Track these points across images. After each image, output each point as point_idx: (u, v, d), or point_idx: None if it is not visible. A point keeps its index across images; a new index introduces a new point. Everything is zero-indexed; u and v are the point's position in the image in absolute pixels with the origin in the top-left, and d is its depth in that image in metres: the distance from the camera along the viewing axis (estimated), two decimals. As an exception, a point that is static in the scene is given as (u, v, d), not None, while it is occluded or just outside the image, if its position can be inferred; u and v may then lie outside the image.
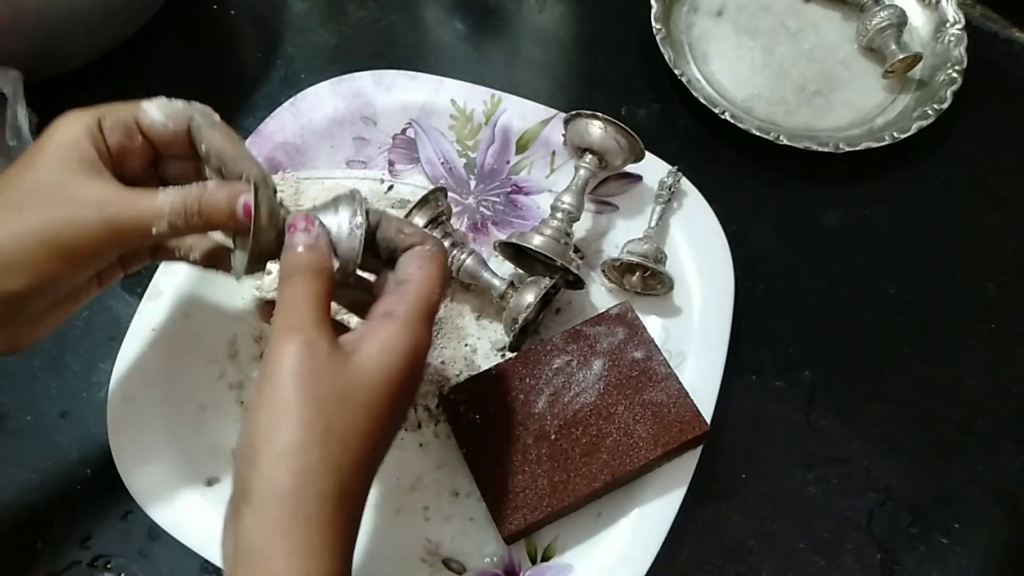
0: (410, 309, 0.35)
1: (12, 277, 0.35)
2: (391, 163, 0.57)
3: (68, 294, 0.40)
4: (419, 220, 0.49)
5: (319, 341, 0.33)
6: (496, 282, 0.49)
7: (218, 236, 0.43)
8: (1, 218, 0.35)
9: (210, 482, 0.47)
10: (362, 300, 0.40)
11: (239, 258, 0.39)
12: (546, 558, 0.46)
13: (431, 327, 0.36)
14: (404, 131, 0.58)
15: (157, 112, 0.38)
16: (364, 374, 0.33)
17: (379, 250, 0.39)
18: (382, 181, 0.56)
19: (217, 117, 0.40)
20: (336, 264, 0.37)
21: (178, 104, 0.39)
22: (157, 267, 0.51)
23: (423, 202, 0.49)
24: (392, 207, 0.54)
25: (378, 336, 0.35)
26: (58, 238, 0.35)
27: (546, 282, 0.48)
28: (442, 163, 0.57)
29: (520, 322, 0.47)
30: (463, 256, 0.50)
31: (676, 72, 0.59)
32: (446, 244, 0.50)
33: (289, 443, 0.31)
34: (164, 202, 0.36)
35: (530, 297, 0.47)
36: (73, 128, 0.37)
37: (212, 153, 0.38)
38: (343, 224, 0.37)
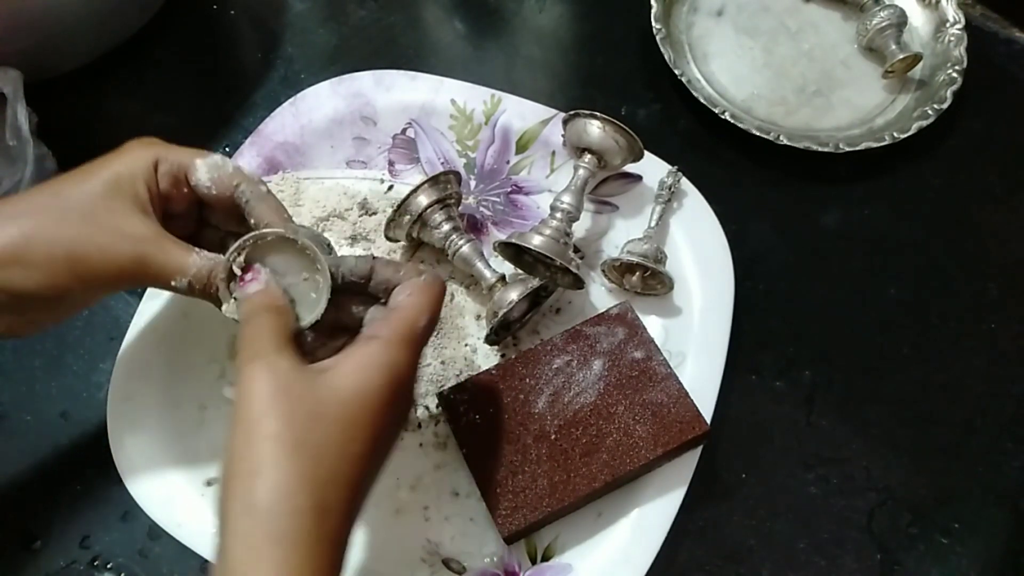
0: (392, 331, 0.35)
1: (28, 277, 0.37)
2: (391, 163, 0.57)
3: (71, 306, 0.42)
4: (423, 199, 0.49)
5: (280, 363, 0.33)
6: (487, 274, 0.50)
7: None
8: (41, 218, 0.37)
9: (210, 482, 0.47)
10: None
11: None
12: (546, 558, 0.46)
13: (415, 353, 0.36)
14: (404, 131, 0.58)
15: (204, 174, 0.41)
16: (336, 390, 0.33)
17: (375, 292, 0.39)
18: (382, 181, 0.56)
19: (265, 188, 0.41)
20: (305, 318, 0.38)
21: (228, 168, 0.41)
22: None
23: (434, 180, 0.49)
24: (391, 207, 0.54)
25: (355, 355, 0.35)
26: (84, 258, 0.37)
27: (534, 282, 0.48)
28: (442, 163, 0.57)
29: (499, 316, 0.47)
30: (460, 242, 0.50)
31: (676, 72, 0.59)
32: (446, 228, 0.50)
33: (261, 460, 0.31)
34: (193, 263, 0.38)
35: (514, 294, 0.47)
36: (134, 162, 0.39)
37: (259, 226, 0.40)
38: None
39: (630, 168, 0.55)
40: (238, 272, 0.37)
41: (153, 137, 0.42)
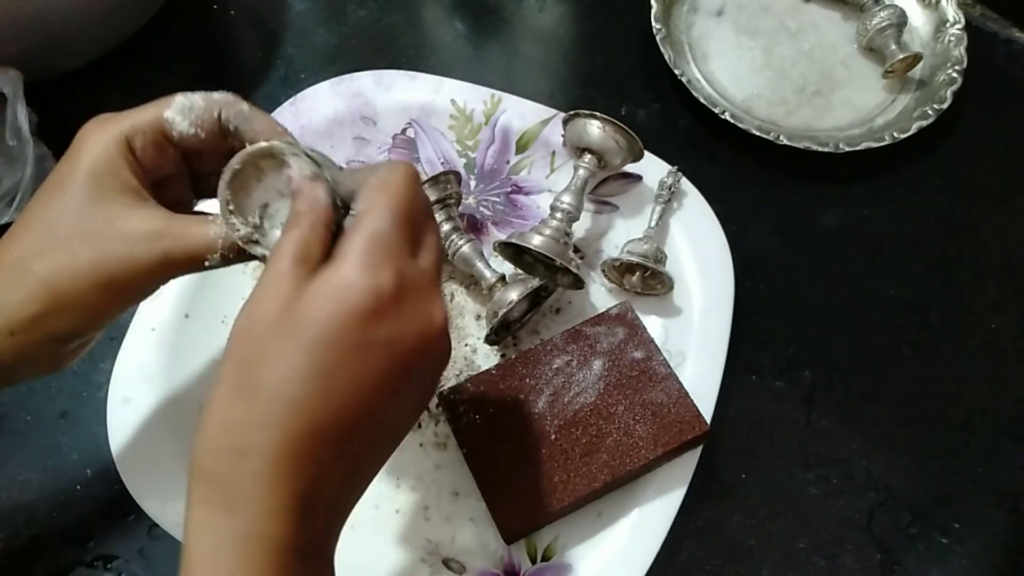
0: (342, 255, 0.31)
1: (66, 318, 0.35)
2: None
3: (110, 321, 0.39)
4: None
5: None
6: (488, 273, 0.50)
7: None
8: (51, 257, 0.34)
9: (210, 482, 0.47)
10: None
11: None
12: (546, 558, 0.46)
13: (378, 271, 0.30)
14: (404, 131, 0.58)
15: (184, 123, 0.36)
16: (285, 326, 0.30)
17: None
18: (382, 181, 0.56)
19: (245, 106, 0.37)
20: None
21: (199, 102, 0.36)
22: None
23: (433, 180, 0.49)
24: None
25: (308, 286, 0.30)
26: (112, 278, 0.34)
27: (534, 282, 0.48)
28: (442, 163, 0.57)
29: (499, 316, 0.47)
30: (460, 242, 0.50)
31: (676, 72, 0.59)
32: (446, 228, 0.50)
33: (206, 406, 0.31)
34: (216, 235, 0.35)
35: (514, 294, 0.47)
36: (103, 151, 0.35)
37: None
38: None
39: (630, 168, 0.55)
40: (229, 208, 0.33)
41: (101, 114, 0.37)
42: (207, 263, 0.36)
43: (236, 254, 0.35)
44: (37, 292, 0.34)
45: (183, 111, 0.37)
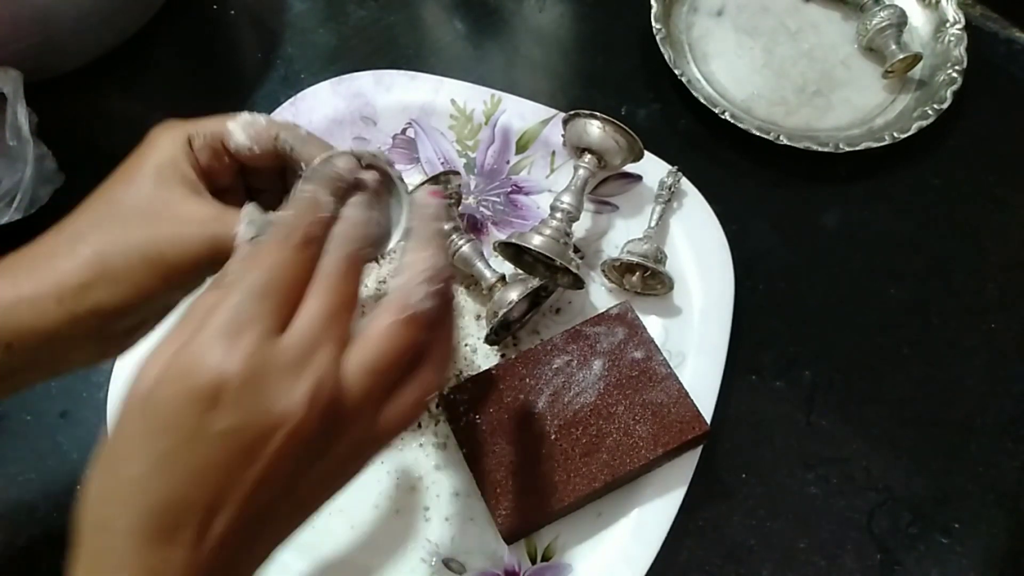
0: (206, 323, 0.31)
1: (113, 290, 0.36)
2: (391, 163, 0.57)
3: (159, 310, 0.40)
4: None
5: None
6: (487, 273, 0.50)
7: None
8: (107, 230, 0.36)
9: (210, 482, 0.47)
10: None
11: None
12: (546, 558, 0.46)
13: (232, 347, 0.30)
14: (404, 131, 0.58)
15: (242, 135, 0.39)
16: (140, 403, 0.31)
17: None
18: (382, 181, 0.56)
19: (304, 130, 0.40)
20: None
21: (261, 122, 0.40)
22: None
23: (434, 180, 0.49)
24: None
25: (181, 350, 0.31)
26: (161, 255, 0.36)
27: (534, 282, 0.48)
28: (442, 163, 0.57)
29: (499, 316, 0.47)
30: (460, 242, 0.50)
31: (676, 72, 0.59)
32: (447, 227, 0.50)
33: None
34: None
35: (514, 294, 0.47)
36: (168, 147, 0.38)
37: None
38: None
39: (630, 168, 0.55)
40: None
41: (172, 119, 0.41)
42: None
43: None
44: (88, 261, 0.36)
45: (244, 125, 0.40)
